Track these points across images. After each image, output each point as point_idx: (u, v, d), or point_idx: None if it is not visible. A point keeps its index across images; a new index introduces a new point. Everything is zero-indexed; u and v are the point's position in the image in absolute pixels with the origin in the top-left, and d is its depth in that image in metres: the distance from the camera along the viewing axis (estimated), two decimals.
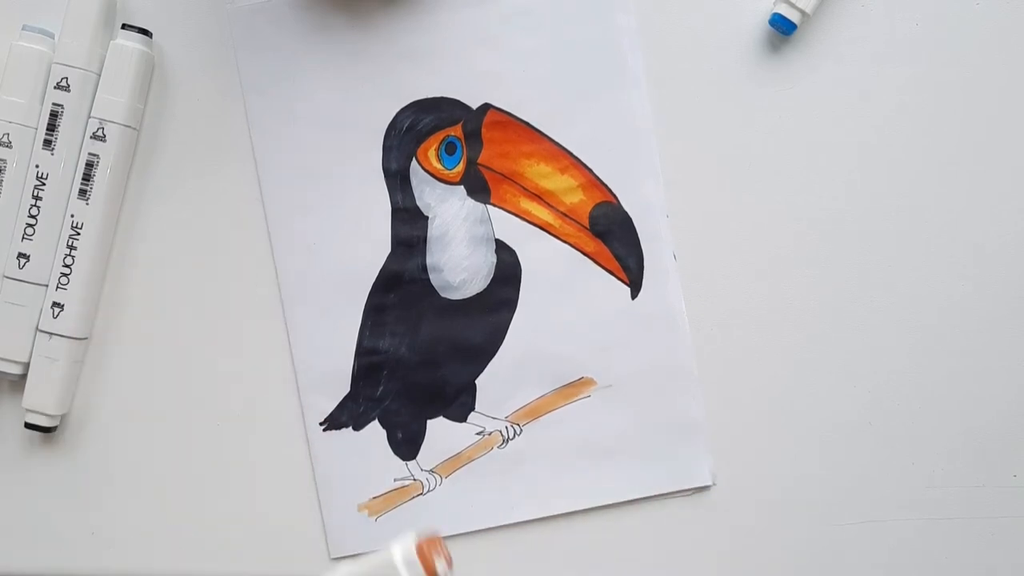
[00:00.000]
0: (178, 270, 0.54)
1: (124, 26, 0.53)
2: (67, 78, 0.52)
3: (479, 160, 0.53)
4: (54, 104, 0.52)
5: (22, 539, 0.55)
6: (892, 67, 0.52)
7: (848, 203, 0.52)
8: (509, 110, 0.53)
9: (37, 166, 0.52)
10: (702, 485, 0.53)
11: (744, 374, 0.52)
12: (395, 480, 0.53)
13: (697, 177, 0.52)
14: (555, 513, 0.53)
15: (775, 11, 0.51)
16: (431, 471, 0.53)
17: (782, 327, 0.52)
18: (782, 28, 0.51)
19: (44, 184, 0.52)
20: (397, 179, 0.53)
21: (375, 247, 0.53)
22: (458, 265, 0.53)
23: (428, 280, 0.53)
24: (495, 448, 0.53)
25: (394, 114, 0.53)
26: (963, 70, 0.51)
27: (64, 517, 0.55)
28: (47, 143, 0.52)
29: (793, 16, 0.50)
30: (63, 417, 0.54)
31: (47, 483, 0.55)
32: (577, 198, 0.52)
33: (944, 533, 0.52)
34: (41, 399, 0.53)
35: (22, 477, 0.55)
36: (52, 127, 0.52)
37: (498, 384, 0.53)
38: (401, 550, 0.42)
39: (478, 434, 0.53)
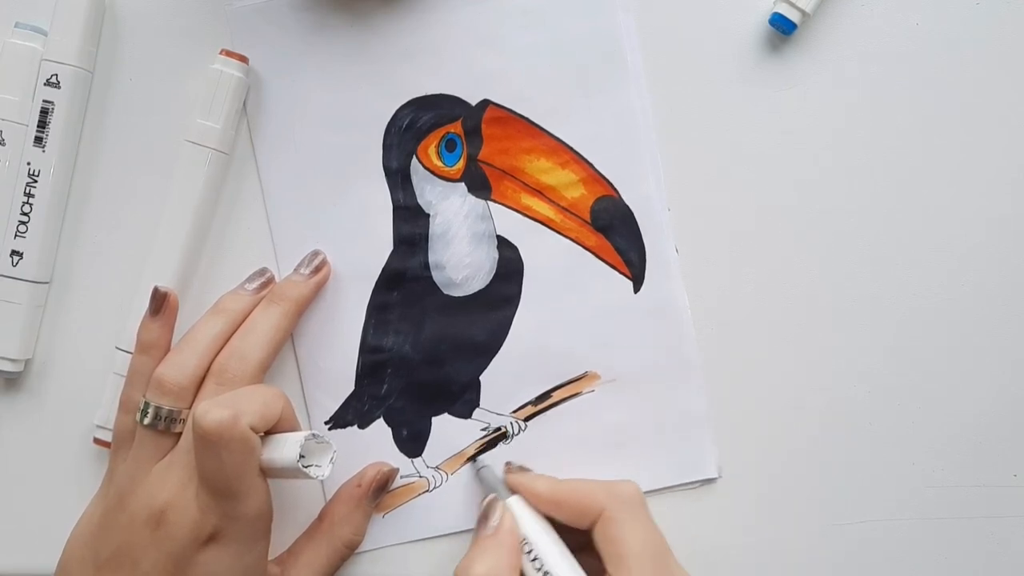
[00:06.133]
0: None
1: None
2: (57, 75, 0.51)
3: (479, 156, 0.53)
4: (44, 101, 0.51)
5: None
6: (892, 67, 0.52)
7: (848, 201, 0.52)
8: (509, 106, 0.52)
9: (29, 163, 0.52)
10: (708, 477, 0.52)
11: (746, 367, 0.52)
12: (401, 477, 0.53)
13: (698, 174, 0.52)
14: None
15: (775, 11, 0.51)
16: (437, 468, 0.53)
17: (783, 322, 0.52)
18: (782, 28, 0.51)
19: (36, 181, 0.52)
20: (398, 177, 0.53)
21: (377, 246, 0.53)
22: (460, 262, 0.52)
23: (431, 278, 0.53)
24: (500, 445, 0.53)
25: (393, 112, 0.53)
26: (963, 70, 0.52)
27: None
28: (38, 140, 0.52)
29: (793, 16, 0.51)
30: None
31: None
32: (578, 193, 0.52)
33: (944, 533, 0.52)
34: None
35: None
36: (43, 124, 0.52)
37: (502, 380, 0.52)
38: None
39: (483, 430, 0.53)
